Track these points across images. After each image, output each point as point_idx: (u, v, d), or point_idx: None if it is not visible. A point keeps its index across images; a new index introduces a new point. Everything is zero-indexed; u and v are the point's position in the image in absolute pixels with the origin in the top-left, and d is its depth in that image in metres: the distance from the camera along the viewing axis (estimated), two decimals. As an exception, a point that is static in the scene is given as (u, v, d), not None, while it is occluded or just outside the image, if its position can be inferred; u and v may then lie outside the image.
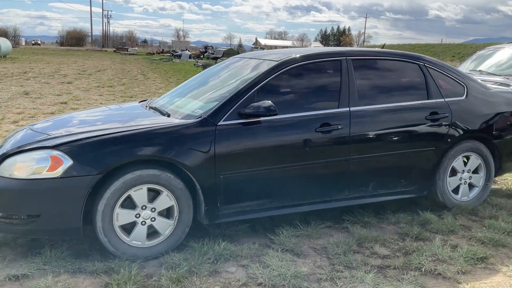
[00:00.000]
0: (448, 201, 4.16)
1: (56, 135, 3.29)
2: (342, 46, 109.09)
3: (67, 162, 2.98)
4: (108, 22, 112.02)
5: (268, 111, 3.34)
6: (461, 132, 4.10)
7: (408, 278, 2.95)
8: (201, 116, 3.37)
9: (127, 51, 58.26)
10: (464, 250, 3.30)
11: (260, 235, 3.62)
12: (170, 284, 2.80)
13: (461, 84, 4.25)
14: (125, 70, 24.15)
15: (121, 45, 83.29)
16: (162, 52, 61.64)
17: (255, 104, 3.38)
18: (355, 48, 4.29)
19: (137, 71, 23.43)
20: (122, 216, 3.10)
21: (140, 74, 21.51)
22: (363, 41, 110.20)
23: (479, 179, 4.28)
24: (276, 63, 3.70)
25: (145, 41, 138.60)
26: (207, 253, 3.18)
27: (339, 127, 3.64)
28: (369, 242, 3.49)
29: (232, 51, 45.35)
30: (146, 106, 4.14)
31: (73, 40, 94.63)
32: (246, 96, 3.46)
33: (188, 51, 53.76)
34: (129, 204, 3.13)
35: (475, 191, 4.29)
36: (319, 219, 3.86)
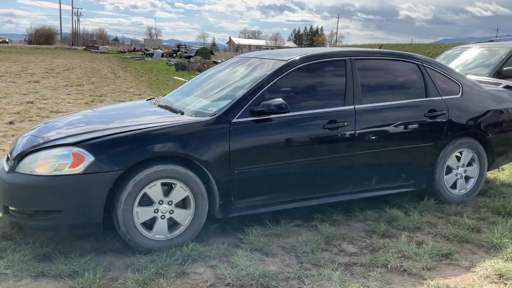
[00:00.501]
0: (446, 196, 4.37)
1: (76, 133, 3.36)
2: (315, 46, 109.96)
3: (89, 158, 3.06)
4: (78, 20, 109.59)
5: (280, 108, 3.48)
6: (457, 128, 4.29)
7: (375, 275, 2.98)
8: (215, 114, 3.49)
9: (98, 49, 57.32)
10: (429, 247, 3.36)
11: (230, 235, 3.60)
12: (136, 287, 2.76)
13: (456, 83, 4.44)
14: (95, 68, 23.73)
15: (92, 43, 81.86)
16: (134, 50, 60.88)
17: (267, 102, 3.51)
18: (358, 48, 4.53)
19: (107, 70, 23.06)
20: (142, 213, 3.19)
21: (111, 73, 21.16)
22: (336, 41, 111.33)
23: (474, 171, 4.48)
24: (285, 62, 3.83)
25: (116, 39, 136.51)
26: (175, 254, 3.14)
27: (345, 124, 3.80)
28: (337, 239, 3.52)
29: (205, 50, 45.17)
30: (156, 104, 4.25)
31: (42, 38, 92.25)
32: (258, 94, 3.59)
33: (161, 49, 53.24)
34: (146, 201, 3.21)
35: (471, 183, 4.50)
36: (289, 218, 3.87)
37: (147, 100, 4.77)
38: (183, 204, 3.34)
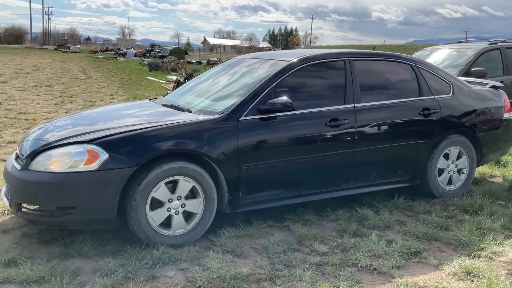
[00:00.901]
0: (438, 192, 4.56)
1: (88, 131, 3.44)
2: (289, 46, 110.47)
3: (103, 155, 3.14)
4: (49, 19, 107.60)
5: (285, 106, 3.62)
6: (449, 126, 4.52)
7: (345, 275, 3.00)
8: (223, 112, 3.61)
9: (69, 49, 56.23)
10: (399, 245, 3.41)
11: (201, 237, 3.56)
12: (105, 291, 2.70)
13: (447, 83, 4.66)
14: (65, 68, 23.27)
15: (63, 42, 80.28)
16: (106, 50, 59.96)
17: (273, 100, 3.65)
18: (355, 50, 4.70)
19: (78, 70, 22.64)
20: (156, 217, 3.29)
21: (82, 73, 20.79)
22: (310, 42, 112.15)
23: (464, 162, 4.69)
24: (288, 63, 3.99)
25: (88, 39, 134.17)
26: (145, 257, 3.09)
27: (346, 122, 3.97)
28: (309, 239, 3.53)
29: (179, 50, 44.85)
30: (160, 104, 4.34)
31: (11, 37, 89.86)
32: (264, 93, 3.72)
33: (134, 49, 52.59)
34: (156, 204, 3.30)
35: (462, 178, 4.71)
36: (261, 219, 3.86)
37: (149, 99, 4.88)
38: (191, 195, 3.42)
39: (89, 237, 3.44)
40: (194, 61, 35.36)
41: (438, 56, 8.59)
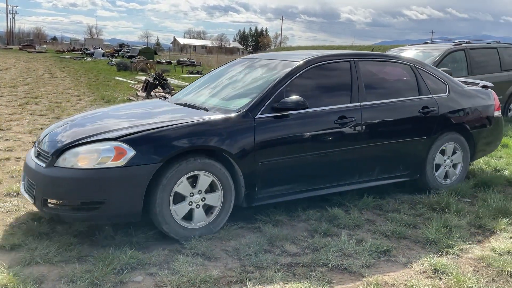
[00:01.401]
0: (436, 184, 4.80)
1: (112, 129, 3.57)
2: (260, 47, 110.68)
3: (130, 152, 3.27)
4: (13, 18, 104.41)
5: (298, 105, 3.80)
6: (446, 123, 4.78)
7: (316, 275, 3.00)
8: (240, 110, 3.77)
9: (35, 49, 54.75)
10: (368, 244, 3.43)
11: (171, 240, 3.50)
12: (70, 299, 2.62)
13: (443, 83, 4.94)
14: (30, 69, 22.63)
15: (28, 42, 78.08)
16: (73, 50, 58.67)
17: (286, 99, 3.83)
18: (359, 51, 5.02)
19: (44, 70, 22.06)
20: (179, 210, 3.44)
21: (47, 73, 20.27)
22: (280, 43, 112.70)
23: (459, 157, 4.95)
24: (298, 63, 4.17)
25: (54, 39, 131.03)
26: (112, 263, 3.01)
27: (353, 119, 4.18)
28: (280, 240, 3.52)
29: (148, 50, 44.26)
30: (174, 102, 4.49)
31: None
32: (277, 93, 3.91)
33: (102, 49, 51.65)
34: (179, 198, 3.45)
35: (459, 168, 4.97)
36: (232, 220, 3.82)
37: (159, 98, 5.06)
38: (211, 189, 3.58)
39: (54, 242, 3.34)
40: (164, 61, 34.94)
41: (405, 57, 8.73)
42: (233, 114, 3.74)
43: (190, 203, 3.49)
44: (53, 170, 3.34)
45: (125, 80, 18.52)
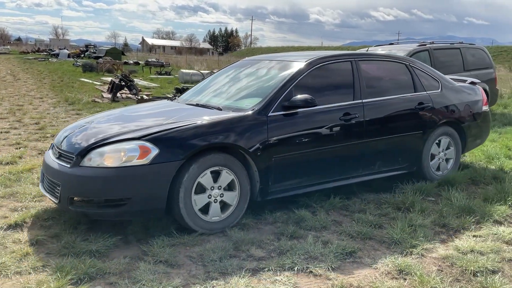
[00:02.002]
0: (430, 176, 5.10)
1: (134, 129, 3.74)
2: (230, 47, 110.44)
3: (154, 150, 3.44)
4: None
5: (307, 103, 4.01)
6: (439, 118, 5.07)
7: (282, 279, 2.95)
8: (254, 109, 3.97)
9: (-3, 49, 53.10)
10: (334, 246, 3.41)
11: (133, 247, 3.40)
12: (23, 313, 2.49)
13: (436, 80, 5.26)
14: (-9, 70, 21.85)
15: (-10, 43, 75.72)
16: (38, 51, 57.21)
17: (296, 97, 4.04)
18: (358, 51, 5.29)
19: (6, 72, 21.37)
20: (199, 200, 3.61)
21: (10, 75, 19.63)
22: (250, 43, 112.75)
23: (452, 153, 5.28)
24: (304, 64, 4.38)
25: (19, 39, 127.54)
26: (70, 273, 2.88)
27: (357, 116, 4.42)
28: (245, 244, 3.45)
29: (115, 51, 43.50)
30: (184, 103, 4.66)
31: None
32: (286, 91, 4.12)
33: (67, 50, 50.50)
34: (200, 189, 3.62)
35: (450, 165, 5.30)
36: (196, 225, 3.74)
37: (167, 99, 5.25)
38: (228, 187, 3.76)
39: (8, 252, 3.18)
40: (132, 62, 34.38)
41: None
42: (249, 112, 3.94)
43: (209, 196, 3.66)
44: (79, 170, 3.48)
45: (90, 81, 18.10)
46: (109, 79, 17.19)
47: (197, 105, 4.44)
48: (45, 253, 3.24)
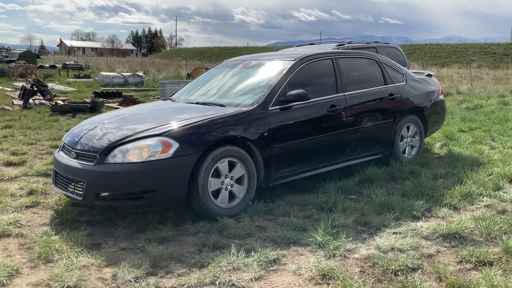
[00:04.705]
0: (400, 159, 5.72)
1: (152, 126, 4.06)
2: (155, 48, 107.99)
3: (175, 145, 3.81)
4: None
5: (301, 97, 4.50)
6: (407, 107, 5.75)
7: (202, 296, 2.78)
8: (254, 105, 4.40)
9: None
10: (258, 254, 3.29)
11: (39, 272, 3.07)
12: None
13: (400, 73, 5.95)
14: None
15: None
16: None
17: (292, 92, 4.51)
18: (338, 50, 5.98)
19: None
20: (213, 183, 3.98)
21: None
22: (176, 44, 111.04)
23: (417, 142, 6.02)
24: (294, 61, 4.88)
25: None
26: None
27: (341, 107, 4.97)
28: (164, 260, 3.24)
29: (30, 54, 40.92)
30: (183, 102, 5.04)
31: None
32: (282, 87, 4.58)
33: (-25, 53, 46.78)
34: (216, 173, 4.01)
35: (415, 150, 6.02)
36: (111, 242, 3.48)
37: (162, 99, 5.69)
38: (239, 181, 4.17)
39: None
40: (48, 65, 32.50)
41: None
42: (250, 108, 4.36)
43: (222, 182, 4.05)
44: (104, 167, 3.78)
45: (0, 87, 16.78)
46: (21, 84, 16.05)
47: (197, 103, 4.81)
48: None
